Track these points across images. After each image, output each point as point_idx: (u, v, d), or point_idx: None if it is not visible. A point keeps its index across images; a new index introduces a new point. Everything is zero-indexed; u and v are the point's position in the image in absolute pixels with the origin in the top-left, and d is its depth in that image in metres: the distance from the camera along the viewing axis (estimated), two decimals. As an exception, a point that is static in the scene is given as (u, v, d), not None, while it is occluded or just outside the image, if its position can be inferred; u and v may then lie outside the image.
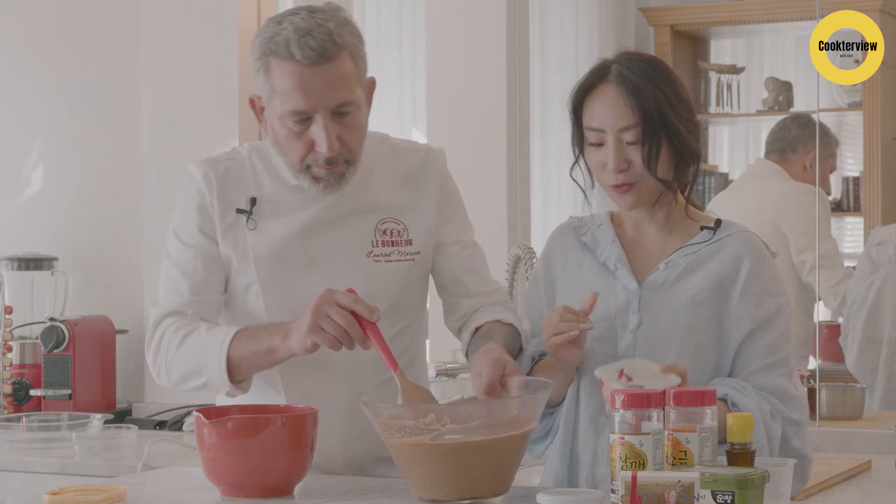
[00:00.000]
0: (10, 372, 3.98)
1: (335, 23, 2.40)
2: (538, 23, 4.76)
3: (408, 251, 2.55)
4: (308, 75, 2.37)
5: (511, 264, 3.64)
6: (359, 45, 2.44)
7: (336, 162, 2.44)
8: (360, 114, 2.45)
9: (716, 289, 2.35)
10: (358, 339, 2.30)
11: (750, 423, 2.04)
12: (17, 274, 4.10)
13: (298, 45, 2.36)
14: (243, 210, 2.51)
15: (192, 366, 2.46)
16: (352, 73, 2.41)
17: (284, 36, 2.37)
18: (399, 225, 2.55)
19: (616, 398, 1.98)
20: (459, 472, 2.17)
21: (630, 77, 2.33)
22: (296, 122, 2.41)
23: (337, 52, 2.38)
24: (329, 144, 2.40)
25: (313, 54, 2.36)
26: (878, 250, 3.87)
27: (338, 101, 2.40)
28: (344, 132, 2.42)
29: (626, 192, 2.35)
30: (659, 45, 4.84)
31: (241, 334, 2.43)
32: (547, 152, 4.69)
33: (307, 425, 2.28)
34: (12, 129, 4.30)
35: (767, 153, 4.33)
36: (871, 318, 3.84)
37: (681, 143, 2.34)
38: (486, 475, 2.18)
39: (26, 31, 4.27)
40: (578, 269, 2.45)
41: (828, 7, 3.55)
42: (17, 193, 4.30)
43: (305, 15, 2.40)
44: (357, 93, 2.43)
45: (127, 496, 2.24)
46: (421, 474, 2.20)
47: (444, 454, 2.16)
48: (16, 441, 3.56)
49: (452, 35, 4.19)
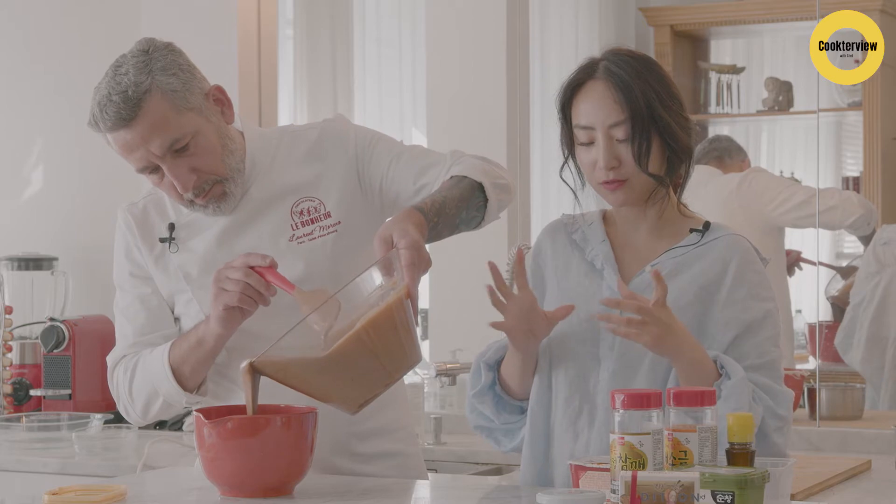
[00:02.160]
0: (10, 372, 3.98)
1: (134, 71, 2.41)
2: (538, 23, 4.77)
3: (328, 223, 2.54)
4: (123, 137, 2.42)
5: (511, 264, 3.64)
6: (167, 76, 2.42)
7: (203, 190, 2.47)
8: (201, 137, 2.45)
9: (700, 292, 2.32)
10: (259, 285, 2.35)
11: (750, 422, 2.04)
12: (17, 274, 4.11)
13: (102, 118, 2.41)
14: (164, 238, 2.57)
15: (148, 390, 2.54)
16: (167, 112, 2.41)
17: (92, 111, 2.43)
18: (314, 201, 2.55)
19: (616, 398, 1.98)
20: (340, 382, 2.21)
21: (617, 72, 2.31)
22: (149, 174, 2.46)
23: (138, 106, 2.39)
24: (184, 185, 2.44)
25: (116, 120, 2.40)
26: (884, 249, 3.87)
27: (165, 145, 2.41)
28: (194, 161, 2.44)
29: (617, 188, 2.33)
30: (659, 45, 4.84)
31: (175, 342, 2.51)
32: (547, 152, 4.69)
33: (307, 425, 2.28)
34: (12, 129, 4.30)
35: (704, 165, 4.34)
36: (877, 317, 3.84)
37: (672, 139, 2.31)
38: (358, 375, 2.21)
39: (26, 31, 4.27)
40: (566, 267, 2.43)
41: (828, 7, 3.55)
42: (17, 193, 4.30)
43: (108, 80, 2.43)
44: (183, 124, 2.43)
45: (127, 496, 2.24)
46: (343, 385, 2.23)
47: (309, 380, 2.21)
48: (16, 441, 3.57)
49: (452, 35, 4.19)
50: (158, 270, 2.57)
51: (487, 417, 2.45)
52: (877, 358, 3.83)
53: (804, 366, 4.06)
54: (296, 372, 2.23)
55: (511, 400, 2.43)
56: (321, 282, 2.45)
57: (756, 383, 2.29)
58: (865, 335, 3.84)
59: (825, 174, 4.37)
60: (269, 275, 2.36)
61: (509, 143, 4.15)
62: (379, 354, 2.21)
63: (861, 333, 3.85)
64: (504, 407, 2.44)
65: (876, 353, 3.83)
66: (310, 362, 2.21)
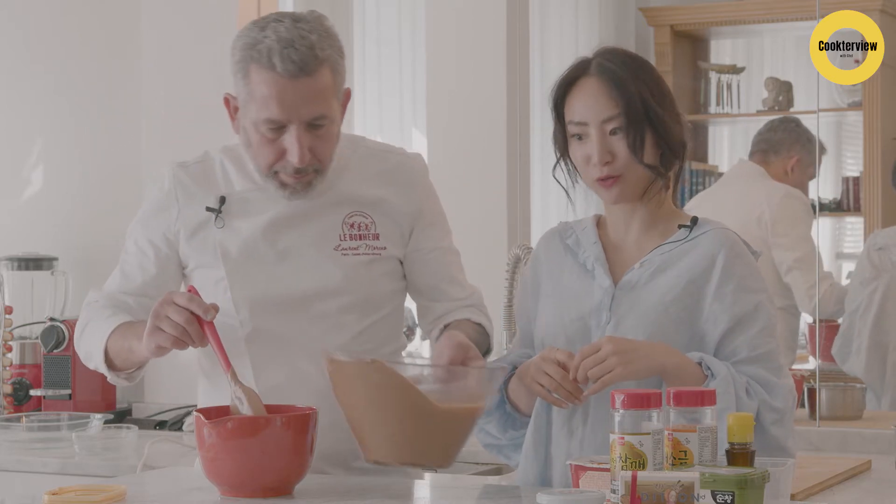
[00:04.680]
0: (10, 372, 3.98)
1: (318, 35, 2.41)
2: (538, 23, 4.76)
3: (375, 245, 2.56)
4: (287, 87, 2.39)
5: (511, 264, 3.64)
6: (339, 58, 2.46)
7: (305, 171, 2.47)
8: (333, 126, 2.48)
9: (689, 287, 2.32)
10: (196, 336, 2.31)
11: (750, 423, 2.04)
12: (17, 274, 4.11)
13: (280, 56, 2.38)
14: (212, 209, 2.55)
15: (87, 349, 2.56)
16: (329, 87, 2.43)
17: (267, 45, 2.39)
18: (367, 219, 2.56)
19: (616, 398, 1.98)
20: (417, 433, 2.21)
21: (610, 68, 2.33)
22: (269, 129, 2.44)
23: (317, 66, 2.40)
24: (301, 156, 2.43)
25: (294, 67, 2.38)
26: (879, 255, 3.86)
27: (313, 115, 2.42)
28: (316, 143, 2.45)
29: (612, 185, 2.34)
30: (659, 45, 4.83)
31: (119, 329, 2.49)
32: (547, 152, 4.65)
33: (307, 425, 2.28)
34: (12, 129, 4.30)
35: (752, 154, 4.34)
36: (877, 324, 3.83)
37: (665, 133, 2.32)
38: (435, 443, 2.22)
39: (26, 32, 4.27)
40: (560, 270, 2.45)
41: (828, 7, 3.55)
42: (17, 193, 4.30)
43: (290, 24, 2.41)
44: (333, 106, 2.45)
45: (127, 496, 2.24)
46: (377, 433, 2.24)
47: (405, 412, 2.21)
48: (16, 441, 3.56)
49: (452, 35, 4.19)
50: (192, 240, 2.56)
51: (494, 436, 2.48)
52: (878, 364, 3.82)
53: (804, 366, 4.06)
54: (402, 395, 2.22)
55: (521, 417, 2.45)
56: (352, 296, 2.51)
57: (751, 376, 2.29)
58: (866, 343, 3.82)
59: (825, 174, 4.38)
60: (207, 329, 2.32)
61: (509, 143, 4.15)
62: (458, 439, 2.27)
63: (861, 341, 3.83)
64: (511, 424, 2.46)
65: (877, 360, 3.82)
66: (424, 401, 2.22)
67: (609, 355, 2.21)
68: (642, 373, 2.23)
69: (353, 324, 2.53)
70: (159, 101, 4.04)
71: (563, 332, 2.37)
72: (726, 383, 2.23)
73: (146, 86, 4.07)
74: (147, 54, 4.07)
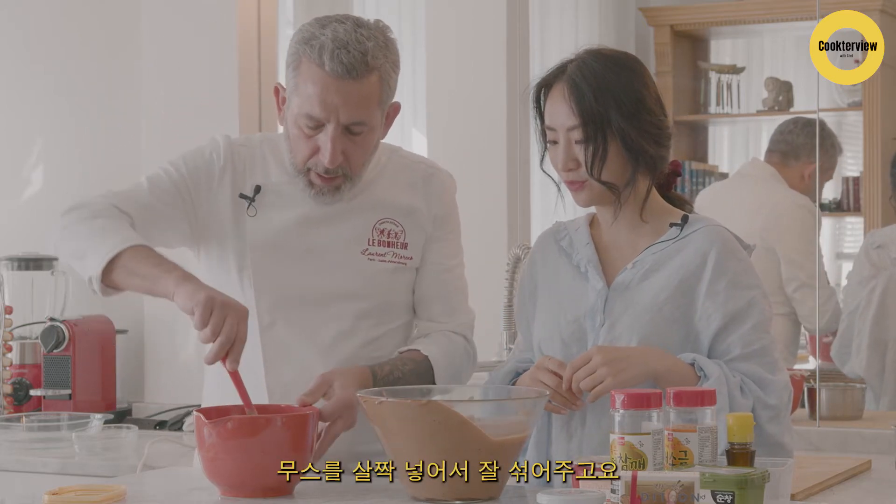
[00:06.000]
0: (10, 372, 3.97)
1: (375, 42, 2.43)
2: (538, 23, 4.77)
3: (402, 254, 2.57)
4: (330, 86, 2.40)
5: (511, 264, 3.64)
6: (391, 70, 2.47)
7: (334, 174, 2.47)
8: (371, 135, 2.48)
9: (681, 286, 2.32)
10: (233, 356, 2.27)
11: (750, 423, 2.05)
12: (17, 274, 4.10)
13: (331, 55, 2.39)
14: (246, 196, 2.55)
15: (80, 247, 2.46)
16: (374, 96, 2.44)
17: (322, 42, 2.40)
18: (398, 227, 2.57)
19: (616, 398, 1.98)
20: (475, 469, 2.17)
21: (575, 78, 2.32)
22: (308, 125, 2.44)
23: (365, 73, 2.41)
24: (332, 156, 2.44)
25: (342, 69, 2.39)
26: (878, 253, 3.85)
27: (352, 119, 2.43)
28: (350, 148, 2.45)
29: (578, 189, 2.35)
30: (659, 45, 4.84)
31: (145, 250, 2.40)
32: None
33: (307, 425, 2.28)
34: (12, 129, 4.30)
35: (769, 152, 4.29)
36: (877, 322, 3.83)
37: (631, 146, 2.30)
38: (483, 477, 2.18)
39: (26, 32, 4.27)
40: (555, 273, 2.45)
41: (828, 7, 3.55)
42: (17, 193, 4.30)
43: (350, 27, 2.42)
44: (375, 115, 2.46)
45: (127, 496, 2.24)
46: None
47: (463, 449, 2.16)
48: (16, 441, 3.56)
49: (452, 35, 4.19)
50: (220, 215, 2.53)
51: None
52: (877, 362, 3.82)
53: (804, 366, 4.06)
54: (460, 433, 2.17)
55: None
56: (371, 301, 2.52)
57: (745, 374, 2.28)
58: (867, 341, 3.82)
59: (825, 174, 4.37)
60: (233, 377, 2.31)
61: (509, 143, 4.15)
62: (507, 468, 2.22)
63: (861, 339, 3.83)
64: None
65: (876, 358, 3.82)
66: (481, 436, 2.17)
67: (599, 366, 2.22)
68: (634, 380, 2.23)
69: (367, 330, 2.53)
70: (159, 101, 4.04)
71: (559, 335, 2.38)
72: (719, 384, 2.22)
73: (146, 86, 4.07)
74: (147, 54, 4.07)
